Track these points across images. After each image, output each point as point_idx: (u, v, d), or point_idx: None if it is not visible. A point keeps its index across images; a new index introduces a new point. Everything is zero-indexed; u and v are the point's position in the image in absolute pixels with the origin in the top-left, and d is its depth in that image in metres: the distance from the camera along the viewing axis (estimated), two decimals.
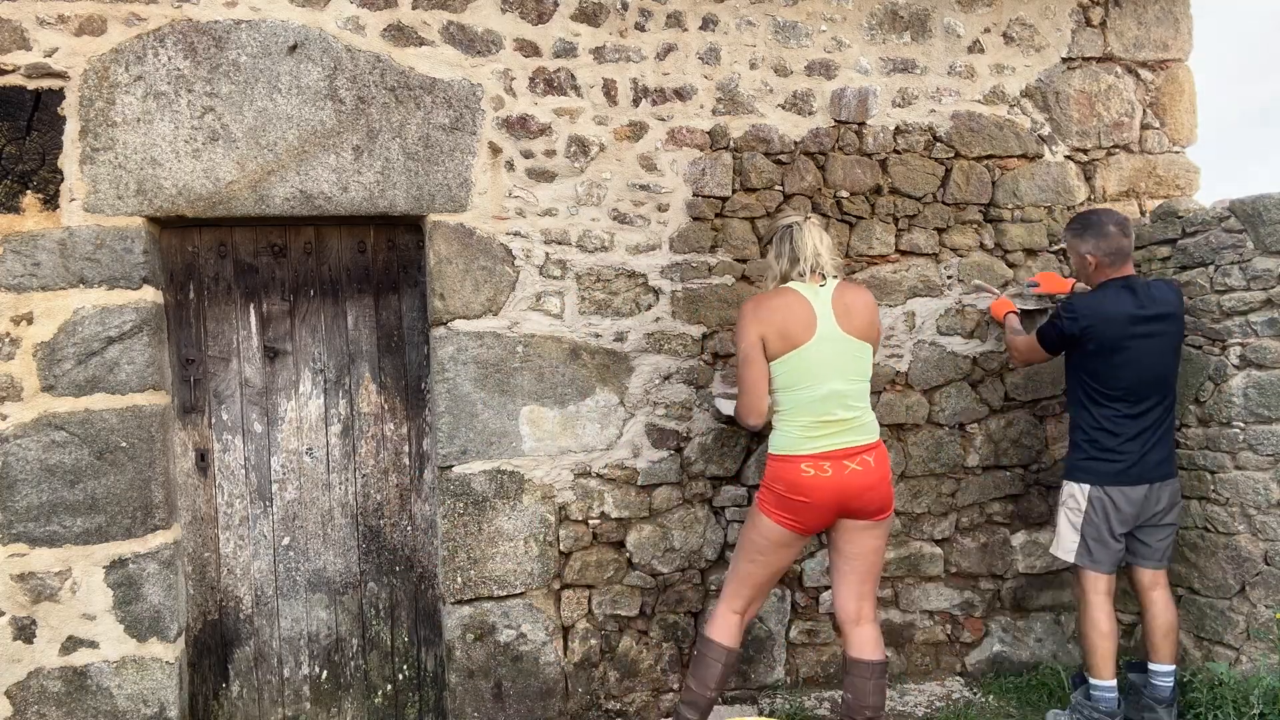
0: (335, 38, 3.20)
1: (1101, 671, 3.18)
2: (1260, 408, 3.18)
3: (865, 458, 2.83)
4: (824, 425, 2.81)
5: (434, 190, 3.29)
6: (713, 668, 2.93)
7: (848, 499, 2.80)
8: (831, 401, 2.81)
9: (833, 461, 2.80)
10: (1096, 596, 3.19)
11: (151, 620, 3.10)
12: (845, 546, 2.91)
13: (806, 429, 2.82)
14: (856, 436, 2.84)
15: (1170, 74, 3.97)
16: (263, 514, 3.37)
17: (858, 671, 2.88)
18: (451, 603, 3.34)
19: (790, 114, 3.60)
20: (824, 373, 2.81)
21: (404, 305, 3.46)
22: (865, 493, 2.81)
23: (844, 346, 2.84)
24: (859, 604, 2.91)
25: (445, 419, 3.32)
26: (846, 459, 2.80)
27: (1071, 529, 3.24)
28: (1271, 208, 3.12)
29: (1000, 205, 3.79)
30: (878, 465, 2.85)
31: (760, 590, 2.99)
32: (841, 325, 2.84)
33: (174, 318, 3.28)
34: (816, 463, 2.80)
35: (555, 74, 3.39)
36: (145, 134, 3.06)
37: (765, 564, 2.92)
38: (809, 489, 2.79)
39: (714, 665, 2.93)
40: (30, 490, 3.00)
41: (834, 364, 2.82)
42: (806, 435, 2.82)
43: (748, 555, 2.94)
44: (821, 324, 2.82)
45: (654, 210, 3.48)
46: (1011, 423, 3.80)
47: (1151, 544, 3.24)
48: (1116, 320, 3.11)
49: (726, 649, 2.94)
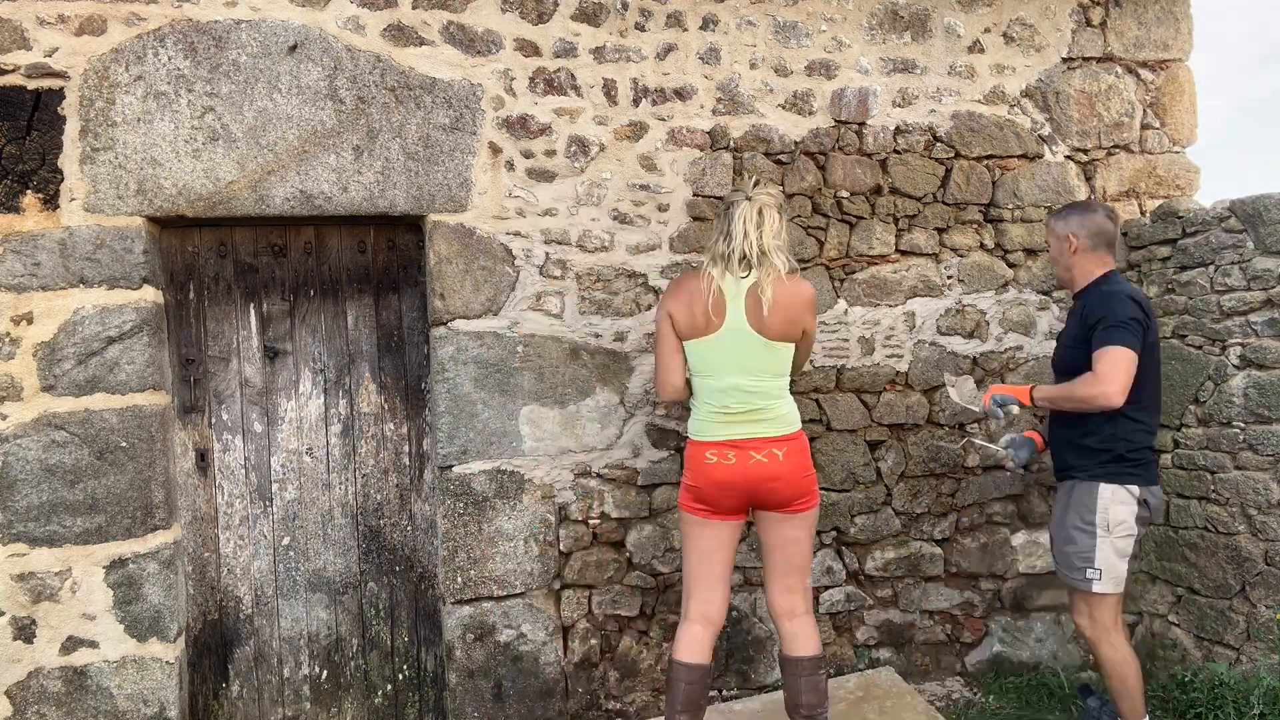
0: (335, 38, 3.20)
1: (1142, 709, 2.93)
2: (1260, 408, 3.18)
3: (774, 450, 2.72)
4: (726, 415, 2.75)
5: (434, 190, 3.29)
6: (676, 688, 2.75)
7: (752, 488, 2.72)
8: (731, 395, 2.74)
9: (738, 451, 2.72)
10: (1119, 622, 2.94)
11: (151, 620, 3.10)
12: (765, 538, 2.84)
13: (713, 416, 2.77)
14: (766, 429, 2.74)
15: (1170, 74, 3.96)
16: (263, 514, 3.37)
17: (789, 669, 2.78)
18: (451, 603, 3.34)
19: (790, 114, 3.60)
20: (725, 366, 2.74)
21: (404, 305, 3.46)
22: (770, 483, 2.71)
23: (749, 342, 2.71)
24: (788, 597, 2.81)
25: (445, 419, 3.32)
26: (753, 449, 2.72)
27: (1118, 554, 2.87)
28: (1271, 208, 3.12)
29: (1000, 205, 3.79)
30: (787, 458, 2.72)
31: (708, 590, 2.81)
32: (751, 321, 2.70)
33: (174, 318, 3.28)
34: (721, 450, 2.74)
35: (555, 74, 3.39)
36: (145, 134, 3.06)
37: (698, 558, 2.81)
38: (711, 475, 2.74)
39: (677, 685, 2.75)
40: (30, 490, 3.00)
41: (735, 359, 2.73)
42: (712, 422, 2.77)
43: (684, 554, 2.88)
44: (730, 316, 2.72)
45: (654, 210, 3.48)
46: (1011, 422, 3.79)
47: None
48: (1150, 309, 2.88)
49: (686, 665, 2.74)
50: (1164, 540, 3.54)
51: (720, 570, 2.82)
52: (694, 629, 2.78)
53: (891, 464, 3.71)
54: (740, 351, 2.73)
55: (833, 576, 3.66)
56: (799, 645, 2.78)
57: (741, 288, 2.73)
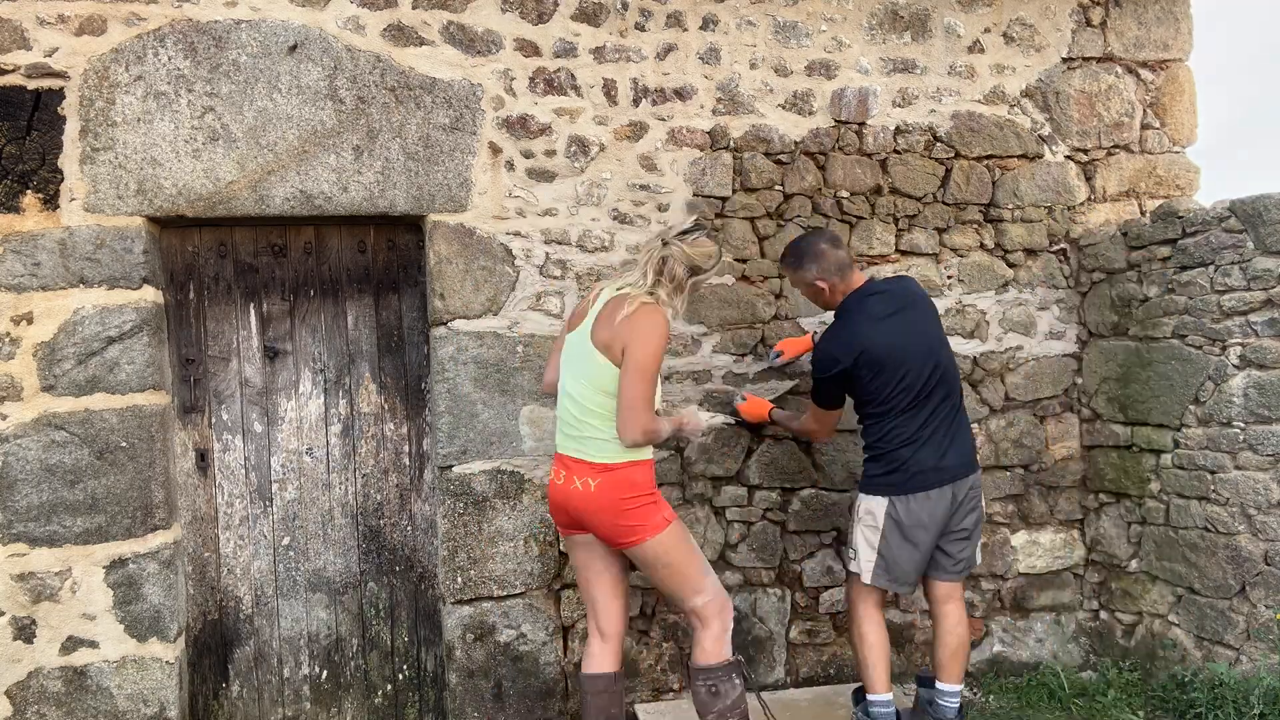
0: (335, 38, 3.20)
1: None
2: (1260, 408, 3.18)
3: (589, 480, 2.63)
4: (560, 423, 2.76)
5: (434, 190, 3.29)
6: (585, 702, 2.81)
7: (574, 514, 2.69)
8: (565, 401, 2.73)
9: (565, 470, 2.70)
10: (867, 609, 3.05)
11: (151, 620, 3.10)
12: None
13: (557, 420, 2.80)
14: (580, 450, 2.67)
15: (1170, 74, 3.96)
16: (263, 514, 3.37)
17: (584, 685, 2.83)
18: (451, 603, 3.34)
19: (790, 114, 3.60)
20: (565, 367, 2.77)
21: (404, 305, 3.46)
22: (586, 515, 2.65)
23: (583, 349, 2.69)
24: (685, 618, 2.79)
25: (445, 419, 3.32)
26: (576, 475, 2.66)
27: (869, 546, 2.98)
28: (1271, 208, 3.12)
29: (1000, 205, 3.79)
30: (599, 493, 2.60)
31: (594, 604, 2.82)
32: (594, 329, 2.68)
33: (174, 318, 3.28)
34: (556, 466, 2.76)
35: (555, 74, 3.39)
36: (145, 134, 3.06)
37: (576, 571, 2.89)
38: (550, 489, 2.80)
39: (585, 699, 2.82)
40: (30, 490, 3.00)
41: (572, 361, 2.75)
42: (558, 429, 2.79)
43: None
44: (585, 322, 2.75)
45: (654, 210, 3.48)
46: (1011, 423, 3.80)
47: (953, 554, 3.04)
48: (873, 333, 2.91)
49: (590, 676, 2.80)
50: (1164, 540, 3.54)
51: (597, 585, 2.81)
52: (593, 643, 2.84)
53: None
54: (576, 355, 2.74)
55: (833, 576, 3.66)
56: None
57: (605, 296, 2.75)
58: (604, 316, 2.68)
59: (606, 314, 2.68)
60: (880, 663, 3.01)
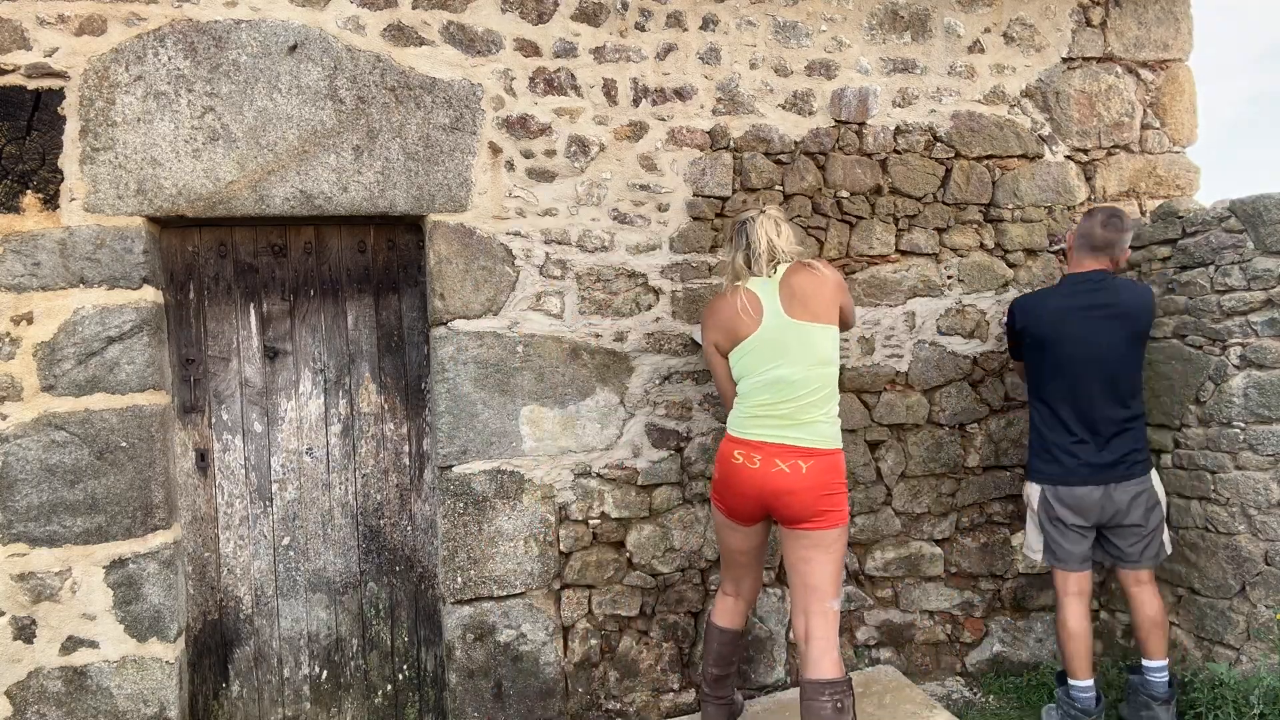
0: (335, 38, 3.20)
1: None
2: (1260, 408, 3.18)
3: (799, 462, 2.72)
4: (765, 414, 2.79)
5: (434, 190, 3.29)
6: (710, 645, 3.09)
7: (767, 497, 2.76)
8: (777, 390, 2.77)
9: (763, 455, 2.76)
10: (1066, 596, 3.22)
11: (151, 620, 3.10)
12: (785, 554, 2.86)
13: (750, 413, 2.83)
14: (798, 436, 2.75)
15: (1170, 74, 3.96)
16: (263, 514, 3.37)
17: (805, 691, 2.69)
18: (451, 603, 3.34)
19: (790, 114, 3.60)
20: (768, 359, 2.80)
21: (404, 305, 3.46)
22: (784, 496, 2.72)
23: (791, 332, 2.78)
24: (804, 619, 2.76)
25: (445, 419, 3.32)
26: (778, 457, 2.74)
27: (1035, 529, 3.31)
28: (1271, 208, 3.12)
29: (1000, 205, 3.79)
30: (810, 474, 2.71)
31: (740, 573, 3.04)
32: (788, 310, 2.80)
33: (174, 318, 3.28)
34: (748, 451, 2.79)
35: (555, 74, 3.39)
36: (145, 134, 3.06)
37: (727, 547, 3.01)
38: (733, 475, 2.81)
39: (711, 644, 3.09)
40: (30, 490, 3.00)
41: (778, 351, 2.79)
42: (749, 417, 2.83)
43: (718, 542, 3.07)
44: (768, 312, 2.81)
45: (654, 210, 3.48)
46: (1012, 423, 3.80)
47: (1123, 547, 3.21)
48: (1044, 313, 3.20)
49: (719, 628, 3.06)
50: None
51: (748, 565, 3.03)
52: (726, 600, 3.10)
53: (891, 464, 3.71)
54: (782, 343, 2.80)
55: None
56: (811, 668, 2.71)
57: (773, 284, 2.85)
58: (786, 297, 2.81)
59: (786, 294, 2.82)
60: (1081, 650, 3.17)
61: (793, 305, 2.80)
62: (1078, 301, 3.18)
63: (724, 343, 2.91)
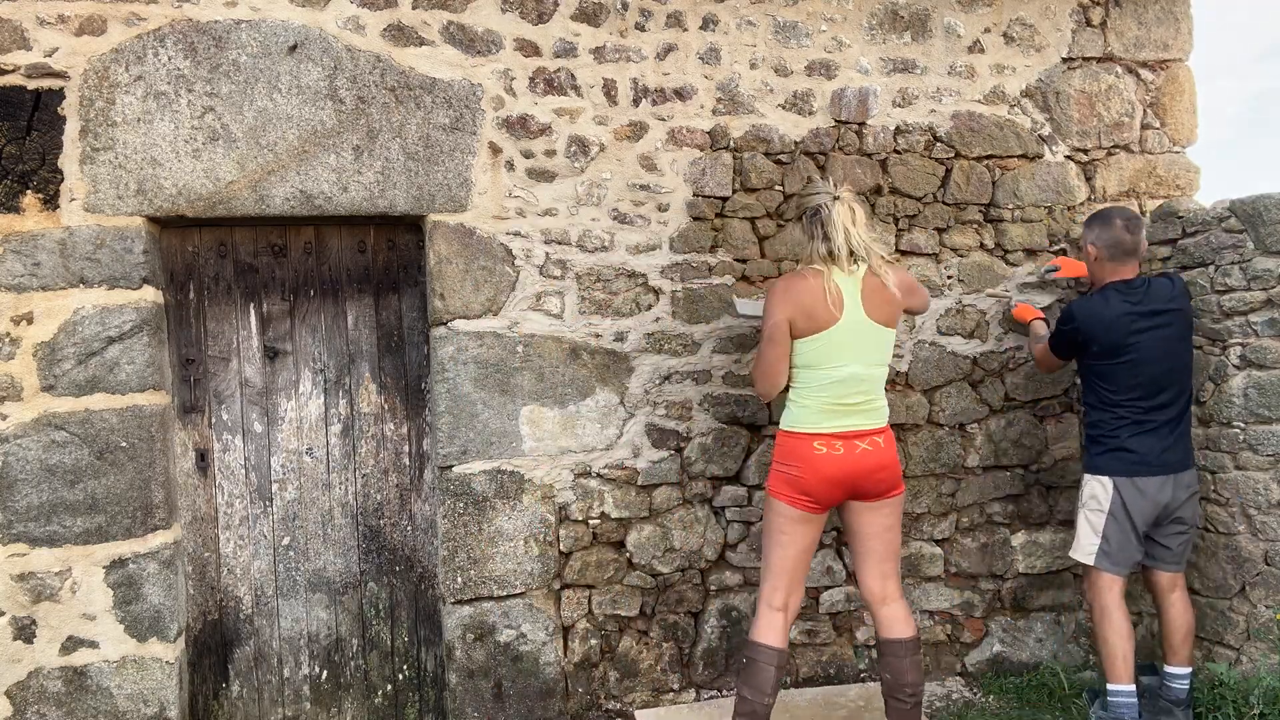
0: (335, 38, 3.20)
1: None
2: (1260, 408, 3.18)
3: (875, 439, 2.87)
4: (839, 406, 2.85)
5: (434, 190, 3.29)
6: (765, 672, 2.82)
7: (858, 478, 2.84)
8: (849, 385, 2.84)
9: (844, 441, 2.83)
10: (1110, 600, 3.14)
11: (151, 620, 3.10)
12: (861, 528, 2.94)
13: (822, 408, 2.85)
14: (868, 420, 2.88)
15: (1170, 74, 3.96)
16: (263, 514, 3.37)
17: (891, 651, 2.89)
18: (451, 603, 3.34)
19: (790, 114, 3.60)
20: (846, 356, 2.83)
21: (404, 305, 3.46)
22: (876, 472, 2.85)
23: (868, 332, 2.85)
24: (882, 583, 2.93)
25: (445, 419, 3.32)
26: (857, 439, 2.84)
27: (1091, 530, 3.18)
28: (1271, 208, 3.12)
29: (1000, 205, 3.79)
30: (887, 447, 2.89)
31: (793, 578, 2.92)
32: (868, 310, 2.84)
33: (174, 318, 3.28)
34: (829, 441, 2.83)
35: (555, 74, 3.39)
36: (145, 134, 3.06)
37: (790, 545, 2.89)
38: (820, 465, 2.82)
39: (766, 669, 2.82)
40: (30, 490, 3.00)
41: (856, 348, 2.84)
42: (822, 414, 2.85)
43: (773, 541, 2.93)
44: (849, 308, 2.83)
45: (654, 210, 3.48)
46: (1012, 423, 3.80)
47: (1171, 545, 3.19)
48: (1112, 321, 3.10)
49: (776, 650, 2.84)
50: None
51: (806, 563, 2.96)
52: (776, 616, 2.89)
53: None
54: (859, 341, 2.84)
55: (832, 577, 3.66)
56: (900, 627, 2.91)
57: (855, 280, 2.85)
58: (867, 296, 2.84)
59: (867, 293, 2.85)
60: (1124, 654, 3.11)
61: (872, 305, 2.85)
62: (1140, 308, 3.11)
63: (801, 324, 2.83)
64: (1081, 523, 3.23)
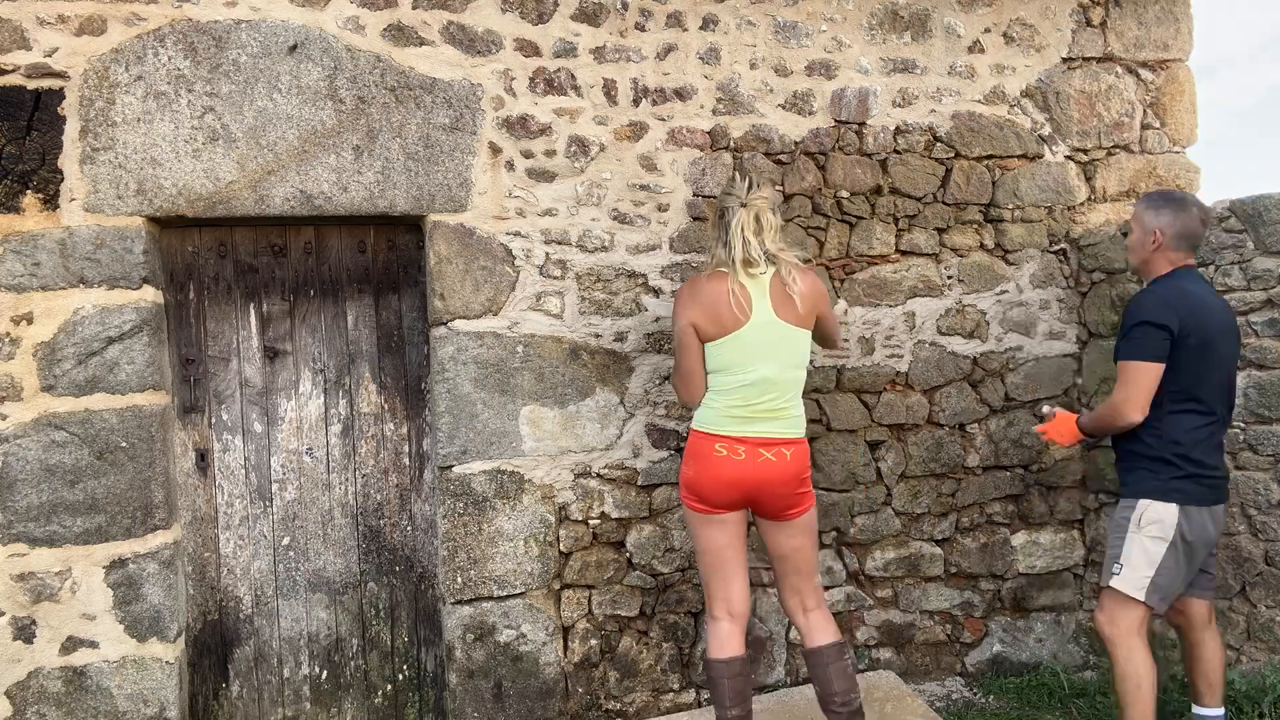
0: (335, 38, 3.20)
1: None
2: (1260, 408, 3.18)
3: (783, 450, 2.77)
4: (748, 411, 2.77)
5: (434, 190, 3.29)
6: (722, 686, 2.79)
7: (756, 487, 2.76)
8: (761, 388, 2.77)
9: (747, 447, 2.75)
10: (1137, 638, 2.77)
11: (151, 620, 3.10)
12: (773, 548, 2.90)
13: (729, 410, 2.79)
14: (778, 428, 2.79)
15: (1170, 74, 3.96)
16: (263, 514, 3.37)
17: (813, 660, 2.83)
18: (451, 603, 3.34)
19: (790, 114, 3.60)
20: (757, 358, 2.77)
21: (404, 305, 3.46)
22: (777, 485, 2.76)
23: (778, 333, 2.78)
24: (799, 597, 2.89)
25: (445, 419, 3.32)
26: (763, 448, 2.76)
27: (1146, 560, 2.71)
28: (1271, 208, 3.12)
29: (1000, 205, 3.79)
30: (793, 460, 2.78)
31: (725, 579, 2.84)
32: (778, 311, 2.78)
33: (174, 318, 3.28)
34: (731, 444, 2.77)
35: (555, 74, 3.39)
36: (145, 134, 3.06)
37: (711, 547, 2.84)
38: (717, 467, 2.76)
39: (722, 684, 2.79)
40: (30, 490, 3.00)
41: (768, 350, 2.78)
42: (728, 416, 2.79)
43: (696, 551, 2.93)
44: (757, 309, 2.77)
45: (654, 210, 3.48)
46: (1012, 423, 3.80)
47: (1210, 569, 2.92)
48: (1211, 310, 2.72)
49: (724, 661, 2.79)
50: None
51: (733, 563, 2.86)
52: (720, 626, 2.85)
53: (891, 464, 3.71)
54: (771, 342, 2.78)
55: (833, 577, 3.66)
56: (817, 636, 2.85)
57: (762, 282, 2.80)
58: (776, 297, 2.79)
59: (776, 295, 2.79)
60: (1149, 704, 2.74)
61: (781, 306, 2.79)
62: (1213, 300, 2.78)
63: (707, 328, 2.79)
64: (1133, 549, 2.74)
